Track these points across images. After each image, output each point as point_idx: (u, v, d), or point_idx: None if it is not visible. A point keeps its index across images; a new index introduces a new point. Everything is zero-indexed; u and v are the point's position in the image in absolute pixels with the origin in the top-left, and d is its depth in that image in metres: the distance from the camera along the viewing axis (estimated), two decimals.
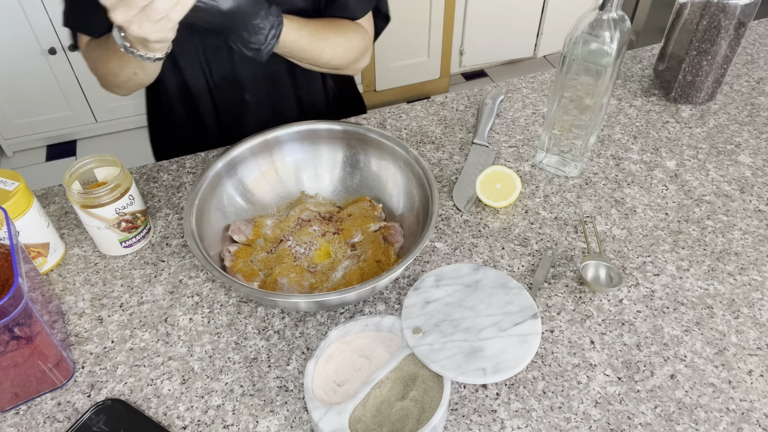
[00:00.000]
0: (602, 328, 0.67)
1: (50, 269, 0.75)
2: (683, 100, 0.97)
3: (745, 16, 0.85)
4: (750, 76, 1.04)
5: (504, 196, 0.80)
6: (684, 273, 0.73)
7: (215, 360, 0.65)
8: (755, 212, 0.80)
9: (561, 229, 0.78)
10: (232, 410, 0.61)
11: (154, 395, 0.62)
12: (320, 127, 0.79)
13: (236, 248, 0.74)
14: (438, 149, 0.91)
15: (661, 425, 0.59)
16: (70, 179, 0.70)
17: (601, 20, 0.70)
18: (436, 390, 0.56)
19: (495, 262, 0.74)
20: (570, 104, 0.78)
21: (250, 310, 0.70)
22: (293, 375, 0.64)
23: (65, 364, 0.62)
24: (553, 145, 0.84)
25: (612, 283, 0.70)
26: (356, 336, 0.61)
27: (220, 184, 0.75)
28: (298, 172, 0.82)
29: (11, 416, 0.61)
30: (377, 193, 0.80)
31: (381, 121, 0.96)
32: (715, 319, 0.68)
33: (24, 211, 0.68)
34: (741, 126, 0.94)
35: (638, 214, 0.80)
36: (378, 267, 0.72)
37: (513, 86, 1.03)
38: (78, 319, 0.69)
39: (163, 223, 0.80)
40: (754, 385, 0.62)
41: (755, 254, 0.75)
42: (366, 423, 0.55)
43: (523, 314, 0.59)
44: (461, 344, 0.57)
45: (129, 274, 0.74)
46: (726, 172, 0.86)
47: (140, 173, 0.88)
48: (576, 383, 0.62)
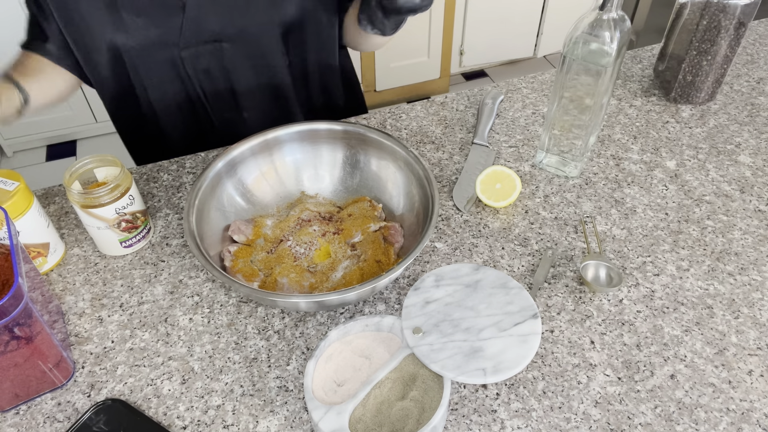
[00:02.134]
0: (602, 328, 0.67)
1: (50, 269, 0.75)
2: (683, 100, 0.97)
3: (745, 16, 0.85)
4: (750, 76, 1.04)
5: (504, 196, 0.80)
6: (684, 273, 0.73)
7: (215, 360, 0.65)
8: (755, 212, 0.80)
9: (561, 229, 0.78)
10: (232, 410, 0.61)
11: (154, 395, 0.62)
12: (320, 127, 0.79)
13: (236, 248, 0.74)
14: (438, 149, 0.91)
15: (661, 425, 0.59)
16: (70, 179, 0.70)
17: (601, 20, 0.70)
18: (436, 390, 0.56)
19: (495, 262, 0.74)
20: (570, 104, 0.78)
21: (250, 310, 0.70)
22: (293, 375, 0.64)
23: (65, 364, 0.62)
24: (553, 145, 0.84)
25: (612, 283, 0.70)
26: (356, 336, 0.61)
27: (220, 184, 0.75)
28: (298, 172, 0.82)
29: (11, 416, 0.61)
30: (377, 193, 0.80)
31: (381, 121, 0.96)
32: (715, 319, 0.68)
33: (24, 211, 0.68)
34: (741, 126, 0.94)
35: (638, 214, 0.80)
36: (378, 267, 0.72)
37: (513, 86, 1.03)
38: (78, 319, 0.69)
39: (163, 223, 0.80)
40: (754, 385, 0.62)
41: (755, 254, 0.75)
42: (366, 423, 0.55)
43: (523, 314, 0.59)
44: (461, 344, 0.57)
45: (129, 274, 0.74)
46: (726, 172, 0.86)
47: (140, 173, 0.88)
48: (576, 383, 0.62)
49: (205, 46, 0.85)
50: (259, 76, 0.92)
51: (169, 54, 0.85)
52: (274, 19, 0.86)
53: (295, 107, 0.98)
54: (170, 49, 0.84)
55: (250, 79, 0.91)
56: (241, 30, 0.85)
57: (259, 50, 0.88)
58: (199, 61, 0.87)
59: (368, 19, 0.77)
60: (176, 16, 0.82)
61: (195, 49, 0.85)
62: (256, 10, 0.84)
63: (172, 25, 0.82)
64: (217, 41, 0.85)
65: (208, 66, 0.88)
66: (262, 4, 0.84)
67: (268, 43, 0.88)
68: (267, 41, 0.88)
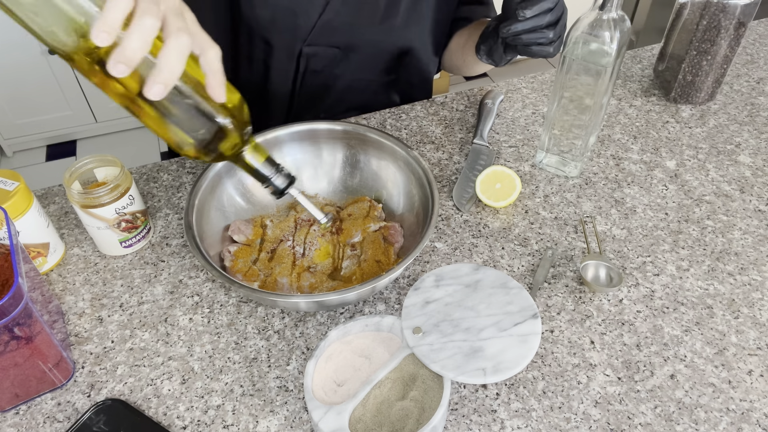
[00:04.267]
0: (602, 328, 0.67)
1: (50, 269, 0.75)
2: (683, 100, 0.97)
3: (745, 16, 0.85)
4: (750, 76, 1.04)
5: (504, 196, 0.80)
6: (684, 273, 0.73)
7: (215, 360, 0.65)
8: (755, 212, 0.80)
9: (561, 229, 0.78)
10: (232, 410, 0.61)
11: (154, 395, 0.62)
12: (320, 127, 0.79)
13: (236, 248, 0.74)
14: (438, 149, 0.91)
15: (661, 425, 0.59)
16: (70, 179, 0.70)
17: (601, 20, 0.70)
18: (436, 390, 0.56)
19: (495, 262, 0.74)
20: (570, 104, 0.78)
21: (250, 310, 0.70)
22: (293, 375, 0.64)
23: (65, 364, 0.62)
24: (553, 145, 0.84)
25: (612, 283, 0.70)
26: (356, 336, 0.61)
27: (220, 184, 0.75)
28: (298, 172, 0.82)
29: (11, 416, 0.61)
30: (377, 193, 0.80)
31: (381, 121, 0.96)
32: (715, 319, 0.68)
33: (24, 211, 0.68)
34: (741, 126, 0.94)
35: (638, 214, 0.80)
36: (378, 267, 0.72)
37: (513, 86, 1.03)
38: (78, 319, 0.69)
39: (163, 223, 0.80)
40: (754, 385, 0.62)
41: (755, 254, 0.75)
42: (366, 423, 0.55)
43: (523, 314, 0.59)
44: (461, 344, 0.57)
45: (129, 274, 0.74)
46: (726, 172, 0.86)
47: (140, 173, 0.88)
48: (576, 383, 0.62)
49: (329, 50, 0.89)
50: (361, 90, 0.96)
51: (291, 44, 0.87)
52: (397, 41, 0.91)
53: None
54: (296, 41, 0.87)
55: (348, 89, 0.95)
56: (367, 43, 0.89)
57: (375, 64, 0.93)
58: (315, 61, 0.89)
59: (487, 51, 0.80)
60: (316, 9, 0.84)
61: (317, 49, 0.88)
62: (389, 28, 0.88)
63: (309, 18, 0.85)
64: (339, 48, 0.89)
65: (321, 68, 0.91)
66: (396, 24, 0.88)
67: (381, 60, 0.93)
68: (384, 58, 0.93)
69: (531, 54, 0.75)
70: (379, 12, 0.86)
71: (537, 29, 0.71)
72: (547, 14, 0.70)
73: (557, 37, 0.73)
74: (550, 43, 0.72)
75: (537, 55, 0.74)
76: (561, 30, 0.73)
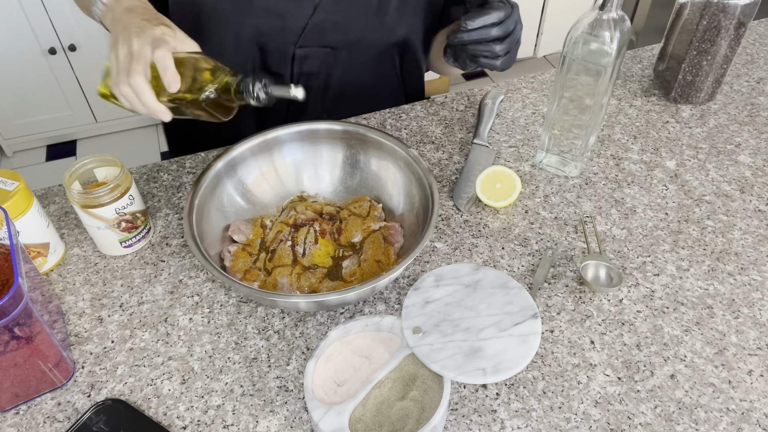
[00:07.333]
0: (602, 328, 0.67)
1: (50, 269, 0.75)
2: (683, 100, 0.97)
3: (745, 16, 0.85)
4: (750, 76, 1.04)
5: (504, 196, 0.80)
6: (684, 273, 0.73)
7: (215, 360, 0.65)
8: (755, 212, 0.80)
9: (561, 229, 0.78)
10: (232, 410, 0.61)
11: (154, 395, 0.62)
12: (320, 127, 0.79)
13: (236, 248, 0.74)
14: (438, 149, 0.91)
15: (661, 425, 0.59)
16: (70, 179, 0.70)
17: (601, 20, 0.70)
18: (436, 390, 0.56)
19: (495, 262, 0.74)
20: (570, 104, 0.78)
21: (250, 310, 0.70)
22: (293, 375, 0.64)
23: (65, 364, 0.62)
24: (553, 145, 0.84)
25: (612, 283, 0.70)
26: (356, 336, 0.61)
27: (220, 184, 0.75)
28: (298, 172, 0.82)
29: (11, 416, 0.61)
30: (377, 193, 0.80)
31: (381, 121, 0.96)
32: (715, 319, 0.68)
33: (24, 211, 0.68)
34: (741, 126, 0.94)
35: (638, 214, 0.80)
36: (378, 267, 0.72)
37: (513, 86, 1.03)
38: (78, 319, 0.69)
39: (163, 223, 0.80)
40: (754, 385, 0.62)
41: (755, 254, 0.75)
42: (366, 423, 0.55)
43: (523, 314, 0.59)
44: (461, 344, 0.57)
45: (129, 274, 0.74)
46: (726, 172, 0.86)
47: (140, 173, 0.88)
48: (576, 383, 0.62)
49: (321, 50, 0.88)
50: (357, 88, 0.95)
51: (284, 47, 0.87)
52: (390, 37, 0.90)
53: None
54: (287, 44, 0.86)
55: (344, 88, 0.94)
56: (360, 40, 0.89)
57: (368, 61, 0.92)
58: (309, 63, 0.89)
59: (453, 55, 0.79)
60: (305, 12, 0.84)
61: (309, 50, 0.88)
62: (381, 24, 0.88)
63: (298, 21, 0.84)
64: (331, 48, 0.88)
65: (316, 69, 0.90)
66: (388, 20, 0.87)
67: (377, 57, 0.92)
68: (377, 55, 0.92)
69: (480, 65, 0.74)
70: (371, 8, 0.86)
71: (482, 41, 0.71)
72: (492, 28, 0.70)
73: (505, 53, 0.72)
74: (496, 57, 0.72)
75: (485, 67, 0.74)
76: (510, 45, 0.73)
